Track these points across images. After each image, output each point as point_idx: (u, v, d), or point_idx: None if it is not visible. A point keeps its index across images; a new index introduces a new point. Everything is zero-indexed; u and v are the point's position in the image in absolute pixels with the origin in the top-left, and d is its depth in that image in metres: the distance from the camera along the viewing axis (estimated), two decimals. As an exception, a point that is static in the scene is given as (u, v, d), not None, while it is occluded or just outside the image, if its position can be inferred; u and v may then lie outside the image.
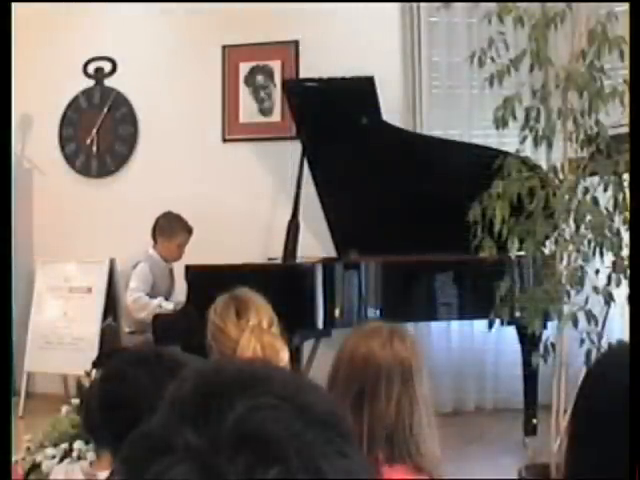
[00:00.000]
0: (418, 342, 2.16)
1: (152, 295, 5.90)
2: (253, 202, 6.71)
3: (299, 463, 0.62)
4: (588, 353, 4.27)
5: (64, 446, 2.91)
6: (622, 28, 4.14)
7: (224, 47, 6.85)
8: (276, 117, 6.78)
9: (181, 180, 6.84)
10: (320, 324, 5.23)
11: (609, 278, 4.33)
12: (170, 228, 6.06)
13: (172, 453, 0.63)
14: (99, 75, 7.21)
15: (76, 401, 3.17)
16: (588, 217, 4.31)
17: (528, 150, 4.60)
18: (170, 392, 0.69)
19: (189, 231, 6.07)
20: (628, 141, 3.61)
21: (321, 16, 6.59)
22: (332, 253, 6.10)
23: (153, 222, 6.11)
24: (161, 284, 6.02)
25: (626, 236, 4.14)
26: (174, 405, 0.67)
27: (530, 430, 5.34)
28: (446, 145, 5.83)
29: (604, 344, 4.28)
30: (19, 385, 6.47)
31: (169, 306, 5.72)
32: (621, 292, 4.23)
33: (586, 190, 4.38)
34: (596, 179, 4.40)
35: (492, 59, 4.45)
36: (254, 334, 2.59)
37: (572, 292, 4.38)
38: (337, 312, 5.23)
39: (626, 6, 3.93)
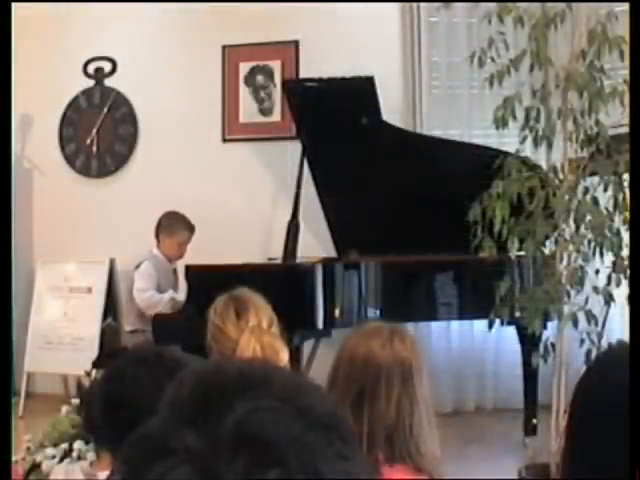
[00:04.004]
0: (418, 342, 2.16)
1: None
2: (253, 202, 6.71)
3: (298, 465, 0.62)
4: (588, 353, 4.27)
5: (64, 446, 2.91)
6: (622, 28, 4.14)
7: (224, 47, 6.85)
8: (276, 117, 6.79)
9: (181, 180, 6.84)
10: (320, 324, 5.23)
11: (609, 278, 4.33)
12: (171, 226, 6.07)
13: (172, 455, 0.63)
14: (99, 75, 7.21)
15: (76, 401, 3.17)
16: (588, 217, 4.31)
17: (528, 150, 4.60)
18: (169, 393, 0.69)
19: (191, 229, 6.08)
20: (628, 141, 3.61)
21: (321, 16, 6.59)
22: (332, 253, 6.10)
23: (156, 221, 6.12)
24: (165, 283, 6.02)
25: (626, 236, 4.14)
26: (173, 407, 0.67)
27: (530, 430, 5.34)
28: (446, 145, 5.83)
29: (604, 344, 4.28)
30: (19, 385, 6.47)
31: (180, 297, 5.70)
32: (621, 292, 4.23)
33: (586, 190, 4.38)
34: (596, 179, 4.40)
35: (492, 59, 4.45)
36: (254, 334, 2.59)
37: (572, 292, 4.38)
38: (337, 312, 5.23)
39: (626, 6, 3.93)
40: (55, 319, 6.63)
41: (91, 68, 7.21)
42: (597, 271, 4.39)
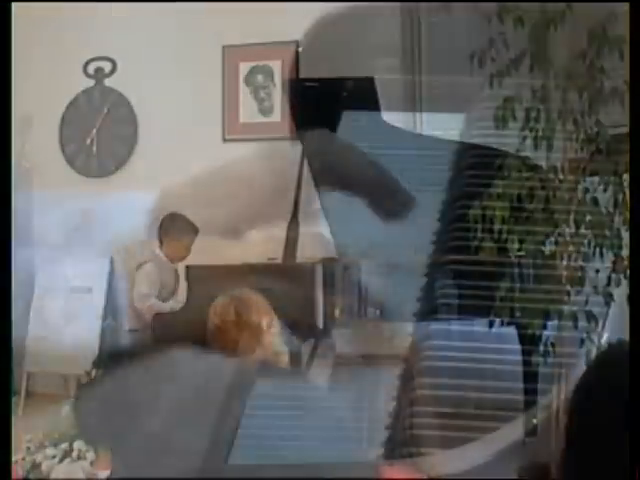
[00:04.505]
0: (418, 342, 2.16)
1: (158, 296, 5.90)
2: (253, 202, 6.70)
3: None
4: (588, 353, 4.27)
5: (64, 446, 2.91)
6: (622, 28, 4.14)
7: (224, 47, 6.85)
8: (276, 117, 6.78)
9: (181, 180, 6.82)
10: (320, 324, 5.22)
11: (609, 278, 4.33)
12: (175, 229, 6.06)
13: (171, 454, 0.64)
14: (99, 75, 7.21)
15: (76, 401, 3.17)
16: (588, 217, 4.31)
17: (528, 150, 4.60)
18: (172, 393, 0.69)
19: (195, 231, 6.07)
20: (628, 141, 3.61)
21: (321, 16, 6.58)
22: (332, 253, 6.09)
23: (159, 223, 6.11)
24: (167, 285, 6.02)
25: (626, 236, 4.14)
26: (174, 406, 0.68)
27: (530, 430, 5.33)
28: (446, 145, 5.82)
29: (604, 344, 4.28)
30: (19, 385, 6.46)
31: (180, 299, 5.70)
32: (621, 292, 4.23)
33: (586, 190, 4.38)
34: (596, 179, 4.40)
35: (492, 59, 4.45)
36: (254, 334, 2.60)
37: (572, 292, 4.38)
38: (337, 312, 5.23)
39: (626, 6, 3.92)
40: (55, 319, 6.62)
41: (91, 68, 7.21)
42: (597, 271, 4.39)
